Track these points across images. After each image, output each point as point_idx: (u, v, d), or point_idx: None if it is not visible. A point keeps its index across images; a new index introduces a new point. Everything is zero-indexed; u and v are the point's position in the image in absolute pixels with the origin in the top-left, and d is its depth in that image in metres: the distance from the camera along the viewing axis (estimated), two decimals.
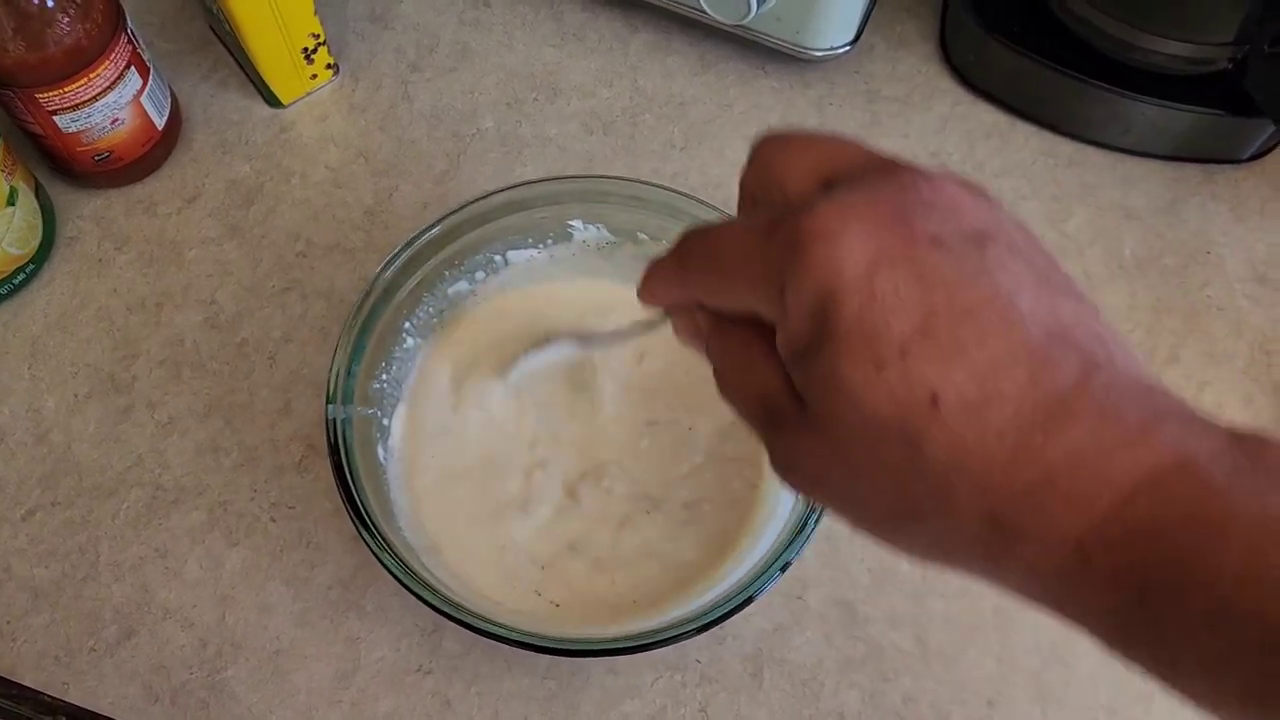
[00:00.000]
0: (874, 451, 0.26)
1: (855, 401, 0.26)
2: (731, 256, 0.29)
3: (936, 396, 0.25)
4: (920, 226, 0.26)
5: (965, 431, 0.25)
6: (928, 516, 0.26)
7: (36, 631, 0.51)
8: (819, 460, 0.28)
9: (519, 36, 0.68)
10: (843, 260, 0.26)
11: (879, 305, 0.25)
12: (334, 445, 0.44)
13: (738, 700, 0.50)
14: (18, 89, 0.53)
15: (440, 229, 0.49)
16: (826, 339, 0.26)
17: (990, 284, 0.25)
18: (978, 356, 0.25)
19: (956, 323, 0.25)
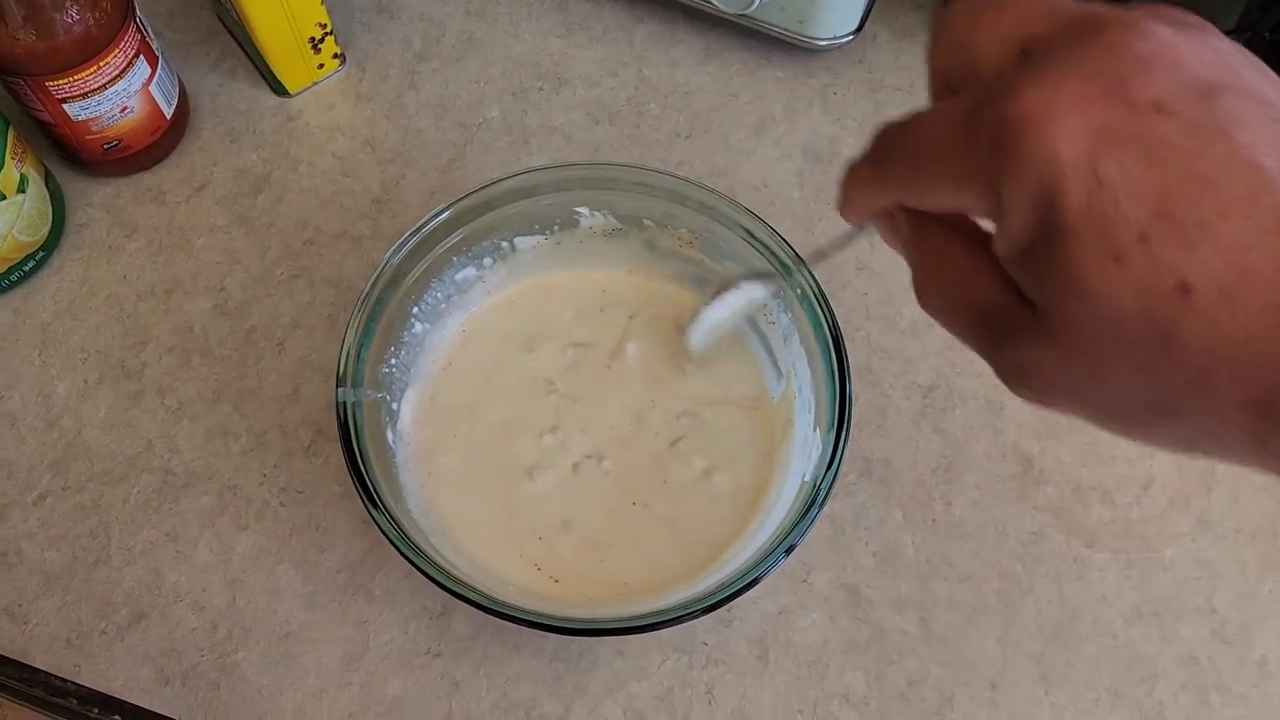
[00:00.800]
0: (1123, 349, 0.24)
1: (1096, 299, 0.24)
2: (933, 152, 0.27)
3: (1186, 283, 0.23)
4: (1139, 92, 0.23)
5: (1222, 316, 0.23)
6: (1187, 410, 0.24)
7: (48, 615, 0.51)
8: (1060, 367, 0.26)
9: (524, 26, 0.68)
10: (1059, 146, 0.23)
11: (1108, 191, 0.23)
12: (344, 428, 0.45)
13: (744, 682, 0.50)
14: (28, 77, 0.53)
15: (449, 214, 0.49)
16: (1055, 234, 0.24)
17: (1228, 146, 0.23)
18: (1225, 233, 0.22)
19: (1196, 198, 0.23)
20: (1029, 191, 0.24)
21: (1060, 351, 0.26)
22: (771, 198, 0.62)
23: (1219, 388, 0.23)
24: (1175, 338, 0.23)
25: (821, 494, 0.44)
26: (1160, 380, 0.24)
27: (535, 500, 0.50)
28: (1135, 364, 0.24)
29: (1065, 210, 0.24)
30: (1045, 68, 0.25)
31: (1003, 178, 0.25)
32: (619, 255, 0.55)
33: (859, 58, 0.67)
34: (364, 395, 0.47)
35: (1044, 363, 0.26)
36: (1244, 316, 0.23)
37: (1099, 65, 0.24)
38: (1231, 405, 0.24)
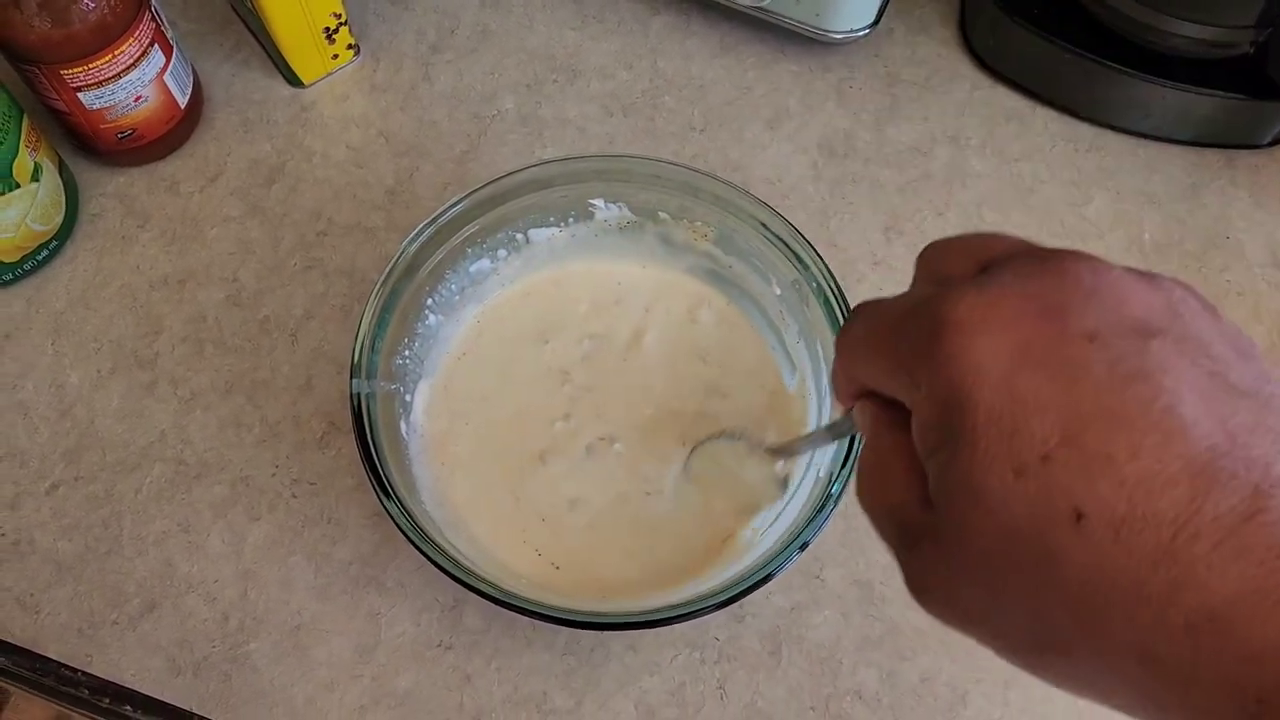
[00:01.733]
0: (1009, 568, 0.24)
1: (989, 508, 0.23)
2: (879, 330, 0.28)
3: (1081, 511, 0.22)
4: (1075, 320, 0.24)
5: (1112, 553, 0.22)
6: (1072, 648, 0.24)
7: (60, 604, 0.51)
8: (951, 578, 0.25)
9: (539, 18, 0.68)
10: (980, 354, 0.24)
11: (1019, 406, 0.23)
12: (358, 419, 0.45)
13: (756, 678, 0.50)
14: (42, 65, 0.53)
15: (464, 205, 0.49)
16: (959, 436, 0.24)
17: (1149, 388, 0.23)
18: (1129, 470, 0.22)
19: (1107, 432, 0.22)
20: (942, 389, 0.24)
21: (951, 558, 0.25)
22: (786, 191, 0.62)
23: (1106, 630, 0.23)
24: (1061, 564, 0.23)
25: (836, 490, 0.44)
26: (1046, 610, 0.23)
27: (548, 491, 0.50)
28: (1021, 585, 0.24)
29: (975, 415, 0.24)
30: (992, 280, 0.25)
31: (920, 370, 0.25)
32: (634, 248, 0.54)
33: (875, 51, 0.67)
34: (378, 387, 0.47)
35: (938, 570, 0.26)
36: (1133, 559, 0.22)
37: (1042, 287, 0.24)
38: (1120, 654, 0.23)
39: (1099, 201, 0.62)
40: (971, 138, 0.64)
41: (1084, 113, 0.64)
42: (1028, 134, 0.64)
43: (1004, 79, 0.66)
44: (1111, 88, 0.62)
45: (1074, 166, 0.63)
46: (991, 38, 0.65)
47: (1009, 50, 0.64)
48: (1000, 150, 0.64)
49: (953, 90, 0.66)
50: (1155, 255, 0.60)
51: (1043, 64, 0.63)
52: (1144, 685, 0.23)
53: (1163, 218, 0.62)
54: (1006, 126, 0.64)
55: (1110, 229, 0.61)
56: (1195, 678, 0.22)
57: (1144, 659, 0.22)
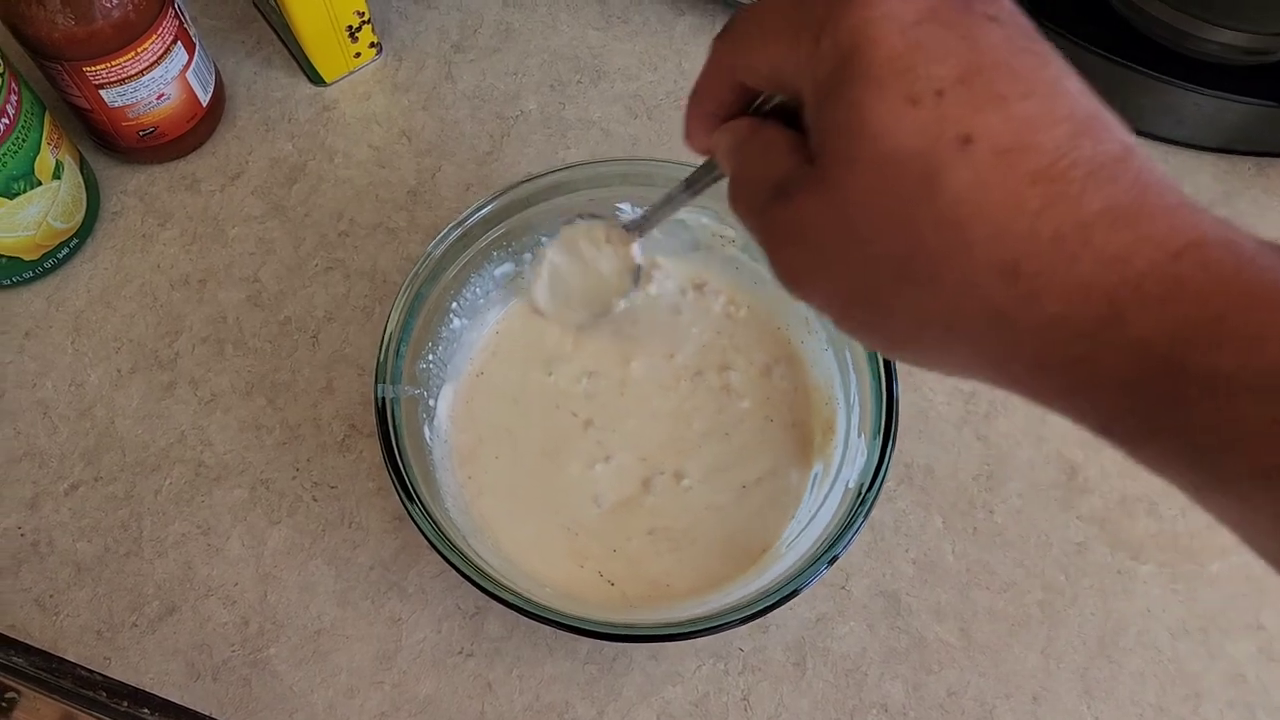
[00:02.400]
0: (886, 192, 0.25)
1: (876, 134, 0.24)
2: (771, 14, 0.28)
3: (969, 136, 0.24)
4: (979, 4, 0.25)
5: (994, 173, 0.24)
6: (935, 271, 0.25)
7: (79, 606, 0.51)
8: (819, 219, 0.27)
9: (563, 18, 0.67)
10: (890, 8, 0.25)
11: (920, 50, 0.24)
12: (383, 424, 0.44)
13: (780, 689, 0.49)
14: (65, 62, 0.52)
15: (491, 208, 0.49)
16: (856, 75, 0.25)
17: (1039, 61, 0.25)
18: (1018, 109, 0.24)
19: (1000, 78, 0.24)
20: (845, 36, 0.25)
21: (826, 197, 0.26)
22: None
23: (973, 244, 0.24)
24: (943, 180, 0.24)
25: (868, 502, 0.43)
26: (917, 229, 0.25)
27: (573, 495, 0.49)
28: (897, 210, 0.25)
29: (874, 54, 0.24)
30: None
31: (826, 27, 0.26)
32: (661, 251, 0.54)
33: None
34: (402, 391, 0.46)
35: (809, 217, 0.27)
36: (1014, 179, 0.23)
37: None
38: (982, 268, 0.24)
39: None
40: None
41: None
42: None
43: None
44: (1143, 93, 0.61)
45: None
46: None
47: None
48: None
49: None
50: None
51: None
52: (997, 301, 0.24)
53: None
54: None
55: None
56: (1052, 286, 0.24)
57: (1005, 269, 0.24)
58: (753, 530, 0.49)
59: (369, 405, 0.55)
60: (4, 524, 0.52)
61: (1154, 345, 0.23)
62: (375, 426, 0.45)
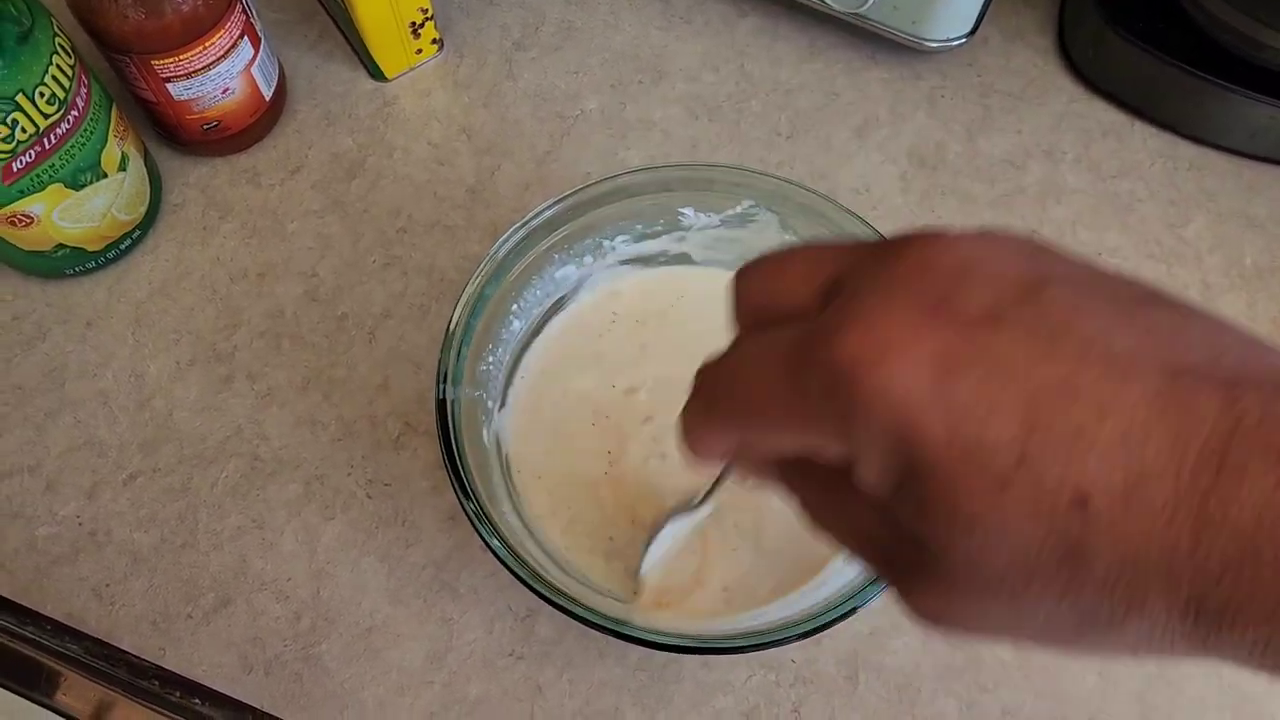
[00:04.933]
0: (1033, 577, 0.22)
1: (988, 532, 0.22)
2: (765, 399, 0.25)
3: (1081, 494, 0.21)
4: (964, 306, 0.22)
5: (1128, 524, 0.21)
6: (1118, 624, 0.22)
7: (135, 596, 0.51)
8: (971, 605, 0.24)
9: (625, 17, 0.67)
10: (901, 384, 0.22)
11: (968, 418, 0.21)
12: (444, 425, 0.44)
13: (832, 703, 0.49)
14: (134, 55, 0.53)
15: (554, 211, 0.48)
16: (923, 475, 0.22)
17: (1075, 340, 0.21)
18: (1106, 433, 0.21)
19: (1063, 404, 0.21)
20: (881, 437, 0.22)
21: (965, 591, 0.23)
22: (874, 202, 0.60)
23: (1147, 598, 0.21)
24: (1084, 554, 0.21)
25: None
26: (1084, 601, 0.22)
27: (628, 503, 0.49)
28: (1051, 589, 0.22)
29: (928, 449, 0.22)
30: (860, 300, 0.23)
31: (849, 425, 0.23)
32: (721, 257, 0.53)
33: (968, 60, 0.65)
34: (463, 392, 0.46)
35: (954, 604, 0.24)
36: (1149, 517, 0.21)
37: (915, 288, 0.23)
38: (1166, 613, 0.21)
39: (1198, 222, 0.60)
40: (1067, 152, 0.62)
41: (1185, 130, 0.62)
42: (1126, 150, 0.62)
43: (1102, 92, 0.64)
44: (1217, 105, 0.60)
45: (1173, 185, 0.61)
46: (1091, 49, 0.63)
47: (1110, 63, 0.62)
48: (1096, 166, 0.62)
49: (1048, 102, 0.64)
50: (1256, 280, 0.58)
51: (1145, 78, 0.61)
52: (1192, 633, 0.22)
53: (1266, 241, 0.59)
54: (1103, 142, 0.62)
55: (1209, 251, 0.59)
56: (1242, 612, 0.21)
57: (1188, 609, 0.21)
58: (812, 543, 0.48)
59: (424, 403, 0.55)
60: (63, 512, 0.53)
61: None
62: (435, 427, 0.45)
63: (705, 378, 0.28)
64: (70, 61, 0.49)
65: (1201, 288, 0.58)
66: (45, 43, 0.48)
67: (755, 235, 0.52)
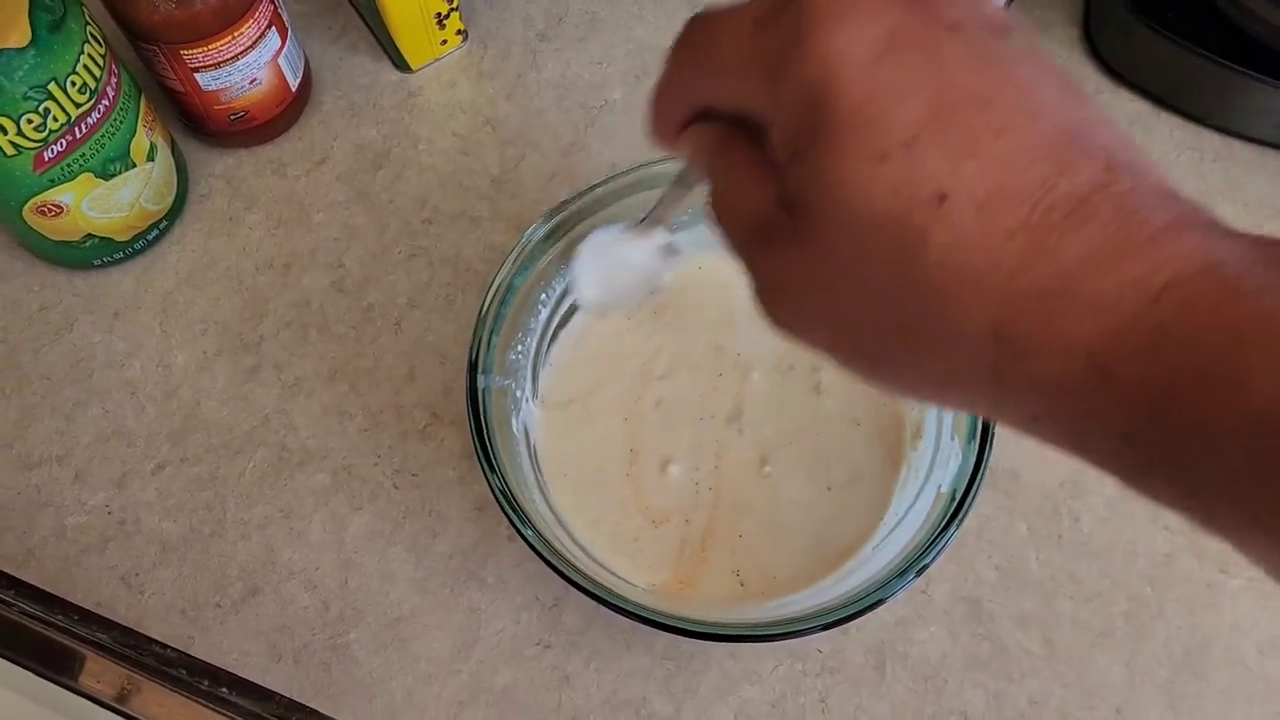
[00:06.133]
0: (867, 256, 0.24)
1: (850, 197, 0.23)
2: (728, 42, 0.26)
3: (944, 193, 0.22)
4: (939, 9, 0.24)
5: (972, 232, 0.22)
6: (924, 333, 0.24)
7: (164, 584, 0.51)
8: (804, 275, 0.25)
9: (649, 7, 0.67)
10: (845, 43, 0.23)
11: (884, 91, 0.23)
12: (476, 415, 0.44)
13: (859, 693, 0.49)
14: (163, 45, 0.53)
15: (581, 202, 0.48)
16: (822, 130, 0.23)
17: (1011, 74, 0.23)
18: (992, 150, 0.22)
19: (972, 112, 0.23)
20: (806, 84, 0.24)
21: (808, 257, 0.25)
22: None
23: (960, 308, 0.23)
24: (924, 247, 0.23)
25: (963, 509, 0.42)
26: (903, 295, 0.24)
27: (663, 494, 0.49)
28: (880, 273, 0.24)
29: (837, 106, 0.23)
30: None
31: (784, 70, 0.24)
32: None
33: None
34: (493, 381, 0.46)
35: (792, 271, 0.26)
36: (993, 235, 0.22)
37: None
38: (972, 331, 0.23)
39: (1225, 213, 0.59)
40: None
41: (1212, 120, 0.62)
42: (1152, 141, 0.62)
43: (1127, 83, 0.63)
44: (1243, 95, 0.60)
45: (1200, 176, 0.61)
46: (1118, 39, 0.63)
47: (1136, 54, 0.62)
48: None
49: None
50: None
51: (1171, 69, 0.61)
52: (990, 361, 0.23)
53: None
54: (1130, 132, 0.62)
55: None
56: (1036, 345, 0.22)
57: (994, 330, 0.23)
58: (839, 532, 0.48)
59: (450, 393, 0.55)
60: (92, 502, 0.53)
61: (1141, 400, 0.22)
62: (466, 415, 0.45)
63: (689, 26, 0.29)
64: (101, 50, 0.50)
65: None
66: (77, 31, 0.48)
67: None
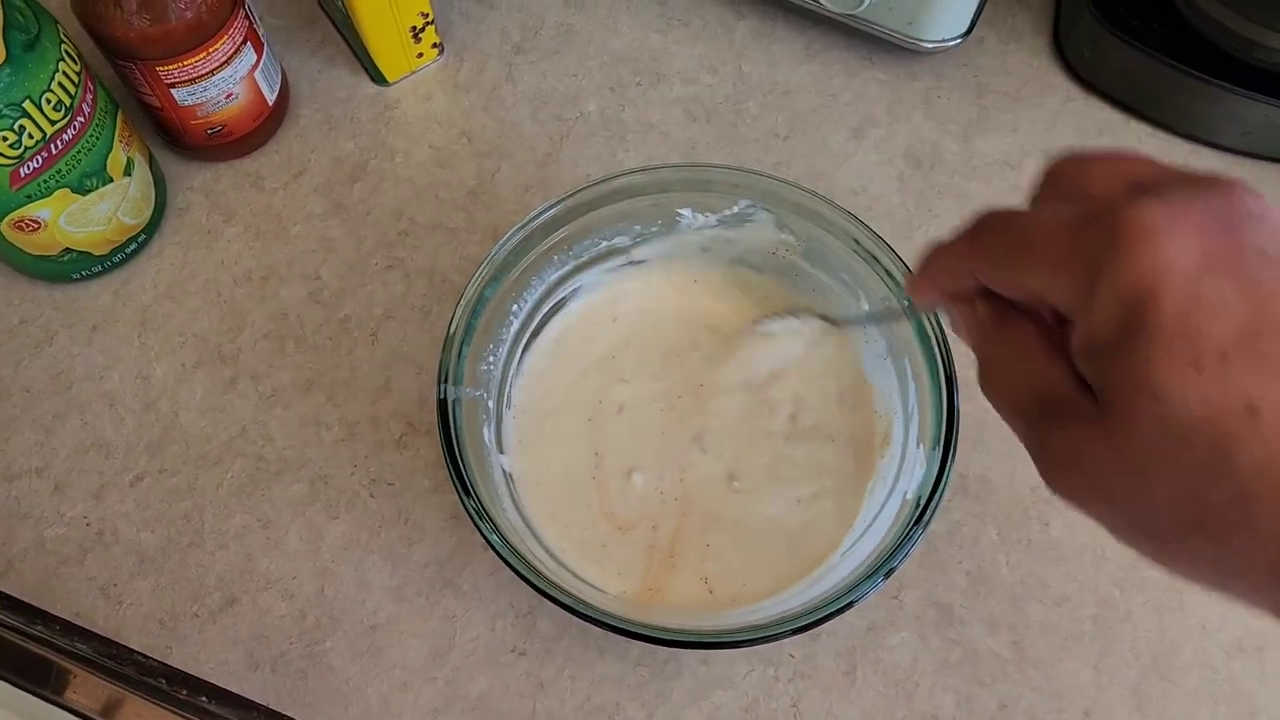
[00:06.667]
0: (1175, 454, 0.25)
1: (1166, 400, 0.25)
2: (1035, 238, 0.29)
3: (1255, 406, 0.24)
4: (1249, 237, 0.26)
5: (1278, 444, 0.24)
6: (1222, 531, 0.25)
7: (142, 595, 0.52)
8: (1105, 463, 0.27)
9: (623, 20, 0.67)
10: (1170, 257, 0.25)
11: (1203, 307, 0.25)
12: (445, 425, 0.45)
13: (830, 698, 0.49)
14: (139, 61, 0.54)
15: (554, 212, 0.49)
16: (1139, 333, 0.25)
17: None
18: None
19: (1277, 335, 0.25)
20: (1126, 288, 0.26)
21: (1113, 445, 0.27)
22: (870, 202, 0.61)
23: (1261, 514, 0.24)
24: (1231, 455, 0.25)
25: (927, 515, 0.43)
26: (1206, 493, 0.25)
27: (628, 503, 0.50)
28: (1185, 475, 0.25)
29: (1159, 314, 0.25)
30: (1168, 193, 0.26)
31: (1105, 271, 0.26)
32: (718, 259, 0.54)
33: (964, 61, 0.65)
34: (464, 393, 0.46)
35: (1092, 454, 0.27)
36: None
37: (1216, 204, 0.26)
38: (1266, 534, 0.25)
39: None
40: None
41: (1179, 128, 0.63)
42: (1121, 148, 0.63)
43: (1097, 91, 0.64)
44: (1209, 103, 0.60)
45: None
46: (1086, 48, 0.63)
47: (1105, 62, 0.63)
48: None
49: (1044, 102, 0.64)
50: None
51: (1140, 77, 0.62)
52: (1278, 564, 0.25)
53: None
54: (1099, 140, 0.63)
55: None
56: None
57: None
58: (808, 540, 0.49)
59: (426, 404, 0.55)
60: (70, 513, 0.53)
61: None
62: (437, 427, 0.45)
63: (992, 218, 0.31)
64: (76, 68, 0.50)
65: None
66: (52, 49, 0.48)
67: (752, 235, 0.52)
